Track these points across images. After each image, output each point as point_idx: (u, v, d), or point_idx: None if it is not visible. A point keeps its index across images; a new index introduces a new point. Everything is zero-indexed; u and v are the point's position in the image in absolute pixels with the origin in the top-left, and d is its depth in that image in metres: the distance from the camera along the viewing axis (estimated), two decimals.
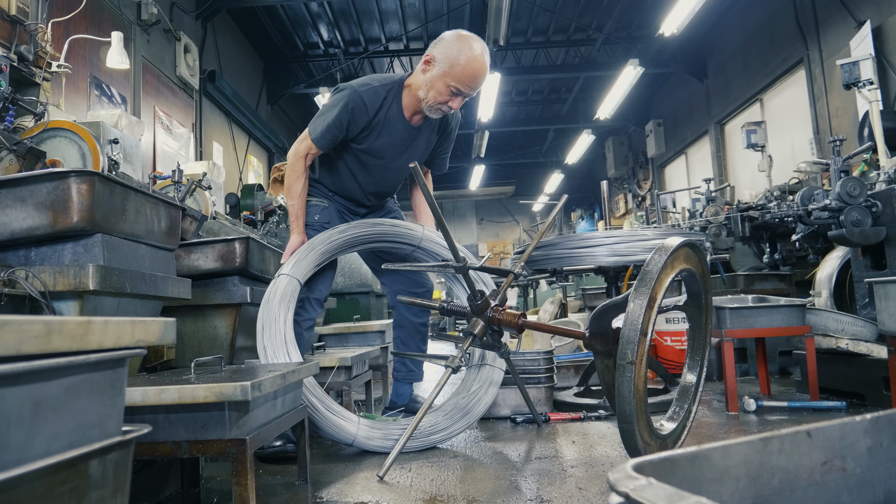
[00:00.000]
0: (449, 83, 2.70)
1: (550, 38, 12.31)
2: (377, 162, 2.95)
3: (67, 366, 0.82)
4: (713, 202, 6.58)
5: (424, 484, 2.15)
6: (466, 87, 2.71)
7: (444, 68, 2.69)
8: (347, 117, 2.76)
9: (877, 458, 0.89)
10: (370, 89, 2.80)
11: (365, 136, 2.87)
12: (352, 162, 2.97)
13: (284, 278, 2.74)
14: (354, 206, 3.12)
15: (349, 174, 3.00)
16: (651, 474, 0.65)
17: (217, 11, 9.23)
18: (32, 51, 4.04)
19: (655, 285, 1.94)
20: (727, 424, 2.94)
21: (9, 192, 1.85)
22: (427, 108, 2.80)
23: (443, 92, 2.72)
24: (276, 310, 2.65)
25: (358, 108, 2.76)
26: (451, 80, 2.69)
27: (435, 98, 2.74)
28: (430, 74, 2.73)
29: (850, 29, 7.48)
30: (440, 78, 2.70)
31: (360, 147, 2.90)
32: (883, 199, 3.58)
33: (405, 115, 2.88)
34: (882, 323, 2.91)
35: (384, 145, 2.91)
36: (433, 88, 2.73)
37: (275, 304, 2.66)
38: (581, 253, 3.37)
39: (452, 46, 2.69)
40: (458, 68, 2.67)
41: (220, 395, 1.60)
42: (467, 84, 2.71)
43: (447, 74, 2.69)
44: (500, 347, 2.79)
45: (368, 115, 2.80)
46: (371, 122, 2.83)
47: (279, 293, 2.69)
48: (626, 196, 16.60)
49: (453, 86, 2.70)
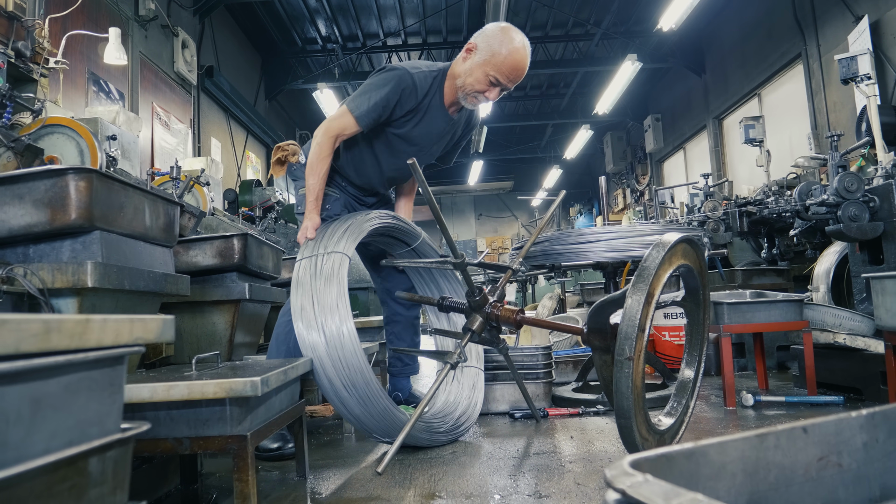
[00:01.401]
0: (489, 72, 2.68)
1: (549, 32, 12.30)
2: (409, 149, 2.87)
3: (66, 364, 0.83)
4: (711, 197, 6.59)
5: (422, 479, 2.15)
6: (506, 77, 2.70)
7: (485, 57, 2.68)
8: (396, 98, 2.70)
9: (872, 453, 0.89)
10: (421, 73, 2.75)
11: (406, 120, 2.80)
12: (380, 146, 2.88)
13: (338, 256, 2.51)
14: (363, 196, 3.05)
15: (373, 159, 2.91)
16: (648, 471, 0.66)
17: (215, 7, 9.22)
18: (30, 47, 4.03)
19: (653, 281, 1.94)
20: (725, 419, 2.95)
21: (7, 189, 1.84)
22: (463, 97, 2.77)
23: (481, 80, 2.70)
24: (334, 298, 2.41)
25: (408, 90, 2.71)
26: (492, 69, 2.67)
27: (473, 86, 2.72)
28: (471, 62, 2.71)
29: (847, 24, 7.47)
30: (480, 66, 2.69)
31: (397, 132, 2.83)
32: (880, 194, 3.59)
33: (445, 104, 2.85)
34: (879, 318, 2.92)
35: (422, 133, 2.85)
36: (472, 75, 2.71)
37: (333, 291, 2.41)
38: (579, 249, 3.38)
39: (495, 36, 2.69)
40: (500, 58, 2.66)
41: (231, 391, 1.60)
42: (506, 75, 2.69)
43: (487, 63, 2.67)
44: (498, 343, 2.80)
45: (417, 98, 2.75)
46: (417, 107, 2.77)
47: (334, 271, 2.47)
48: (625, 191, 16.61)
49: (493, 75, 2.68)
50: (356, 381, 2.30)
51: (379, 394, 2.34)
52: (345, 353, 2.30)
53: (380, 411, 2.35)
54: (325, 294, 2.40)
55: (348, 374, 2.30)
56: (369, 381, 2.31)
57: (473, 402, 2.93)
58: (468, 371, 3.04)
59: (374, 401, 2.33)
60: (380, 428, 2.41)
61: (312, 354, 2.31)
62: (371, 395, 2.32)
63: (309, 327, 2.35)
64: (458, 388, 2.97)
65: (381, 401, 2.35)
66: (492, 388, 3.29)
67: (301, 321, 2.38)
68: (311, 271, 2.49)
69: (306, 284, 2.45)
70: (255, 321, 3.13)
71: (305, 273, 2.50)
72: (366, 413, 2.35)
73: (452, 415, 2.77)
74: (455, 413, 2.78)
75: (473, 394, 2.97)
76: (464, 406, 2.86)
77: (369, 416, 2.36)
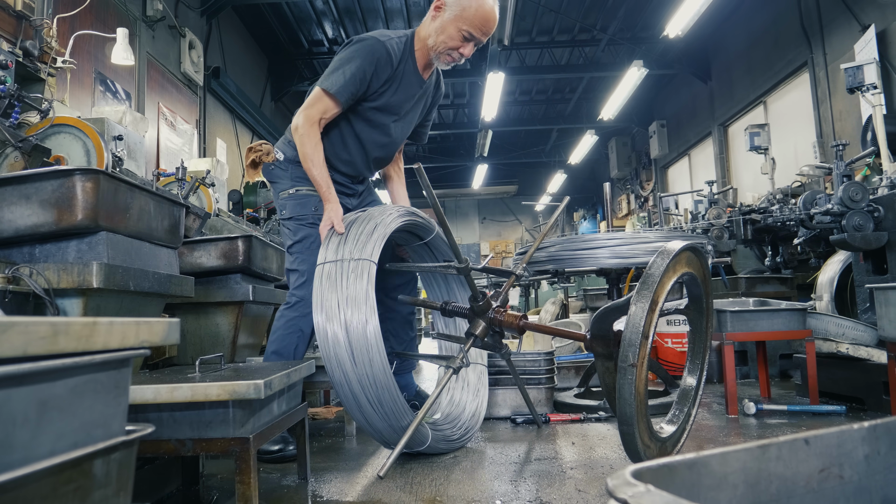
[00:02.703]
0: (461, 27, 2.66)
1: (555, 38, 12.30)
2: (388, 119, 2.81)
3: (73, 366, 0.83)
4: (716, 204, 6.58)
5: (424, 484, 2.15)
6: (479, 31, 2.68)
7: (455, 12, 2.65)
8: (372, 68, 2.64)
9: (874, 465, 0.89)
10: (391, 40, 2.70)
11: (384, 90, 2.73)
12: (359, 124, 2.79)
13: (367, 263, 2.36)
14: (352, 183, 2.93)
15: (355, 140, 2.81)
16: (649, 481, 0.66)
17: (222, 8, 9.24)
18: (38, 46, 4.05)
19: (657, 289, 1.95)
20: (726, 427, 2.94)
21: (14, 189, 1.86)
22: (436, 56, 2.74)
23: (454, 37, 2.68)
24: (364, 312, 2.28)
25: (383, 59, 2.66)
26: (464, 23, 2.65)
27: (445, 43, 2.69)
28: (441, 20, 2.68)
29: (854, 33, 7.47)
30: (452, 22, 2.66)
31: (374, 104, 2.76)
32: (885, 204, 3.59)
33: (419, 68, 2.81)
34: (882, 329, 2.91)
35: (400, 100, 2.80)
36: (444, 33, 2.68)
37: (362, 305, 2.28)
38: (583, 255, 3.38)
39: None
40: (471, 11, 2.64)
41: (234, 394, 1.60)
42: (479, 28, 2.67)
43: (459, 18, 2.65)
44: (500, 348, 2.80)
45: (392, 66, 2.70)
46: (393, 74, 2.73)
47: (361, 293, 2.31)
48: (629, 196, 16.59)
49: (465, 30, 2.66)
50: (383, 399, 2.28)
51: (403, 411, 2.32)
52: (374, 375, 2.26)
53: (404, 427, 2.32)
54: (354, 320, 2.27)
55: (376, 393, 2.26)
56: (395, 399, 2.29)
57: (480, 400, 2.93)
58: (474, 369, 3.03)
59: (398, 417, 2.31)
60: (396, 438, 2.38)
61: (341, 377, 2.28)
62: (396, 412, 2.31)
63: (341, 364, 2.26)
64: (462, 388, 2.97)
65: (406, 418, 2.32)
66: (494, 392, 3.29)
67: (330, 349, 2.28)
68: (334, 280, 2.34)
69: (332, 307, 2.30)
70: (258, 323, 3.14)
71: (329, 292, 2.32)
72: (388, 427, 2.34)
73: (461, 417, 2.77)
74: (463, 416, 2.79)
75: (480, 392, 2.98)
76: (471, 408, 2.86)
77: (392, 430, 2.34)
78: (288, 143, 2.82)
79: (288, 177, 2.77)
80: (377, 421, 2.31)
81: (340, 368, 2.25)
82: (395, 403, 2.29)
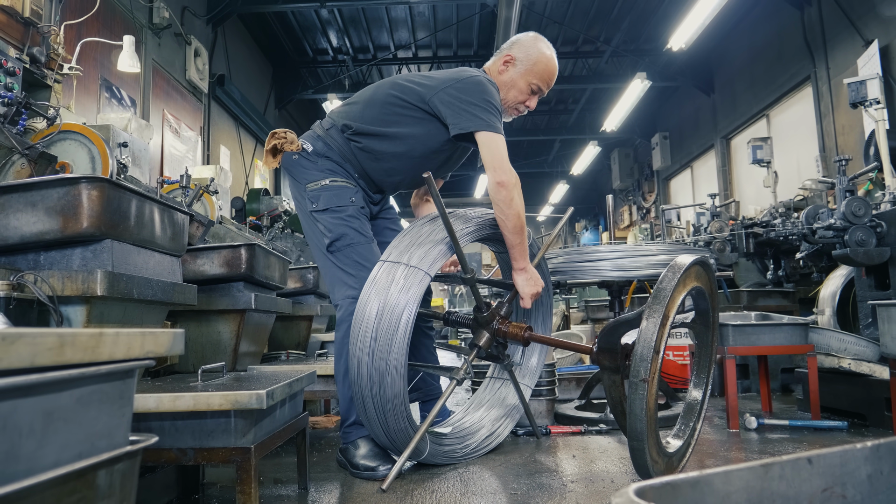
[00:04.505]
0: (531, 81, 2.74)
1: (559, 49, 12.27)
2: (454, 152, 2.78)
3: (79, 377, 0.84)
4: (718, 217, 6.59)
5: (424, 496, 2.15)
6: (546, 84, 2.78)
7: (526, 66, 2.73)
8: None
9: (877, 485, 0.89)
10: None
11: None
12: (430, 153, 2.71)
13: (419, 274, 2.36)
14: (373, 193, 2.82)
15: (415, 159, 2.70)
16: (653, 499, 0.66)
17: (228, 16, 9.30)
18: (44, 53, 4.07)
19: (669, 303, 1.95)
20: (728, 442, 2.94)
21: (20, 196, 1.86)
22: (504, 110, 2.77)
23: (524, 90, 2.76)
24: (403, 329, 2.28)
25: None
26: (534, 77, 2.74)
27: (515, 97, 2.77)
28: (511, 74, 2.75)
29: (857, 48, 7.49)
30: (522, 76, 2.74)
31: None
32: (888, 220, 3.59)
33: None
34: (885, 346, 2.91)
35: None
36: (514, 87, 2.75)
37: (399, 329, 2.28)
38: (586, 267, 3.39)
39: (532, 46, 2.76)
40: (541, 66, 2.74)
41: (236, 404, 1.60)
42: (546, 82, 2.77)
43: (529, 72, 2.73)
44: (504, 359, 2.80)
45: None
46: None
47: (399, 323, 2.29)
48: (631, 208, 16.61)
49: (535, 83, 2.75)
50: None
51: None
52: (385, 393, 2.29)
53: (402, 428, 2.36)
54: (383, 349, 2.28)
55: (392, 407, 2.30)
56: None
57: (505, 425, 2.96)
58: (512, 389, 3.04)
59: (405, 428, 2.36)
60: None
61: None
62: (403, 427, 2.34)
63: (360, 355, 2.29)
64: (488, 408, 3.01)
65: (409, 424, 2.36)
66: None
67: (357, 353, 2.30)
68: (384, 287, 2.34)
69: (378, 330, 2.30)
70: (260, 331, 3.14)
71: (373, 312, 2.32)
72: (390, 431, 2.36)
73: (474, 436, 2.80)
74: (476, 437, 2.81)
75: (513, 415, 3.02)
76: (488, 430, 2.89)
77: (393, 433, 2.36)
78: (318, 138, 2.68)
79: (317, 168, 2.63)
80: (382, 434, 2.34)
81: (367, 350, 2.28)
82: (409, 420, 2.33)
